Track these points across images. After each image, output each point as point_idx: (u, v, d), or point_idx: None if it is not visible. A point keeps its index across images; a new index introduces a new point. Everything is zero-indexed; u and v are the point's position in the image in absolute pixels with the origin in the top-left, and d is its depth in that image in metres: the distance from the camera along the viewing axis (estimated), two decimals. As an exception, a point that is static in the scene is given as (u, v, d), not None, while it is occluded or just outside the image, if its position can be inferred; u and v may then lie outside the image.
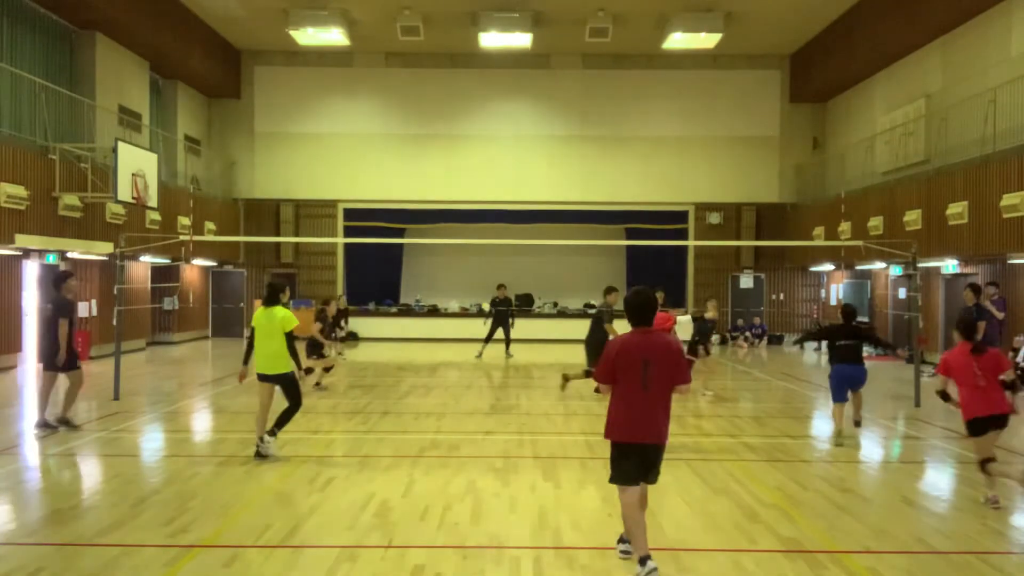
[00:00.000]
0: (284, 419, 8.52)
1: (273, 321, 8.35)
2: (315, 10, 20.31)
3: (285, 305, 8.63)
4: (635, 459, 5.29)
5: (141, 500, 6.93)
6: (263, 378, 8.45)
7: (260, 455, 8.34)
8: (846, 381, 9.72)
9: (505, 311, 18.64)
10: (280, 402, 8.52)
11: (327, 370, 13.78)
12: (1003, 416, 6.88)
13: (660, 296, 15.41)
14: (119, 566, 5.40)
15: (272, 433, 8.45)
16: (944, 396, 7.18)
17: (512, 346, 18.87)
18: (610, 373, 5.30)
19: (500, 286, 19.00)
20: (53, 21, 17.29)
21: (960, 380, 6.98)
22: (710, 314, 13.34)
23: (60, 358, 9.70)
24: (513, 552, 5.74)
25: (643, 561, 5.07)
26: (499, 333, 18.59)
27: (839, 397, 9.70)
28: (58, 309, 9.73)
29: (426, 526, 6.29)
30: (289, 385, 8.48)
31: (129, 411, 11.27)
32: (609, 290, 13.02)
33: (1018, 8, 15.46)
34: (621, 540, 5.64)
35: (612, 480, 5.37)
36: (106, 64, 18.52)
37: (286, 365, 8.39)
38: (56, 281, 9.94)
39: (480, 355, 18.59)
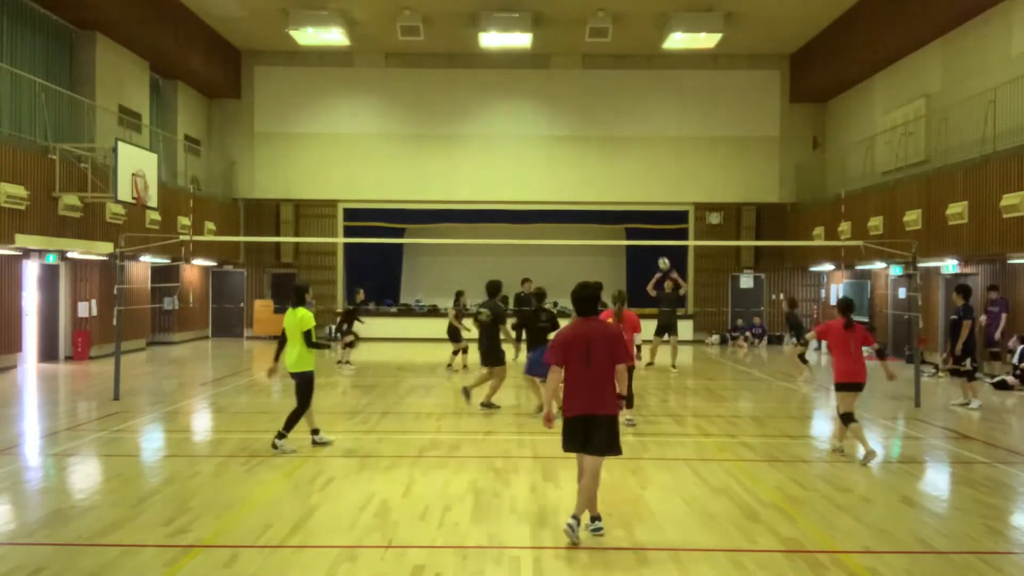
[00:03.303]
0: (292, 421, 8.83)
1: (294, 321, 8.76)
2: (315, 10, 20.31)
3: (307, 305, 9.03)
4: (581, 429, 5.92)
5: (141, 500, 6.93)
6: (292, 375, 8.92)
7: (274, 446, 8.77)
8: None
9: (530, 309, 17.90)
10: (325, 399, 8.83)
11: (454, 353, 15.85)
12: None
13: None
14: (119, 566, 5.40)
15: (280, 435, 8.79)
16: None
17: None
18: (561, 357, 5.97)
19: (525, 280, 17.86)
20: (53, 21, 17.30)
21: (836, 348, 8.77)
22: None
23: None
24: (513, 552, 5.74)
25: (574, 517, 5.94)
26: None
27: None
28: (496, 317, 11.70)
29: (426, 526, 6.29)
30: (303, 384, 8.81)
31: (129, 411, 11.27)
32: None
33: (1018, 8, 15.46)
34: (592, 519, 6.10)
35: (564, 447, 6.10)
36: (106, 64, 18.53)
37: (307, 364, 8.78)
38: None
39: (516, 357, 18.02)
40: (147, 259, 20.20)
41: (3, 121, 15.37)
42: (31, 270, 16.70)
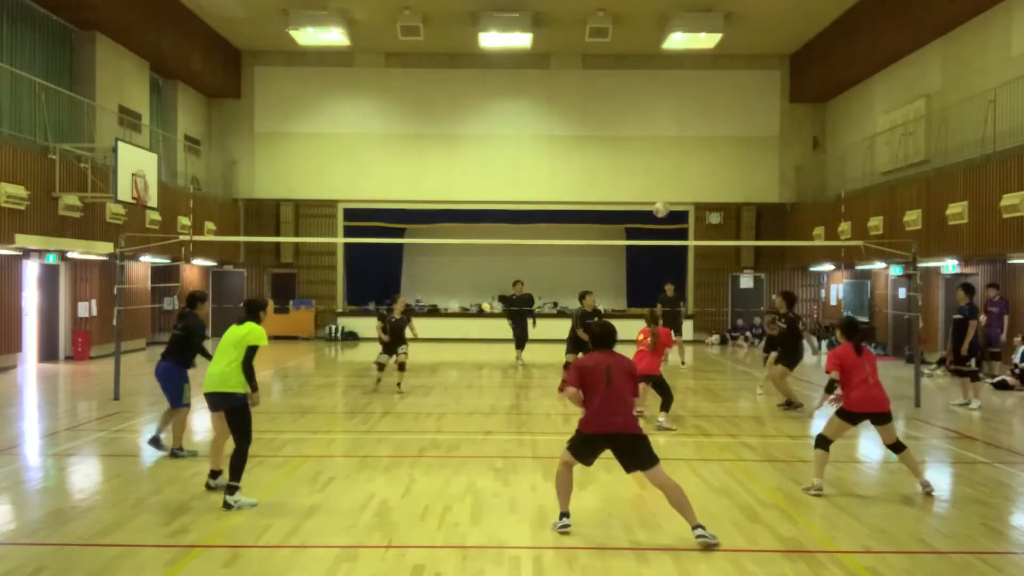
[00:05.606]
0: (237, 465, 6.77)
1: (238, 334, 7.02)
2: (315, 10, 20.32)
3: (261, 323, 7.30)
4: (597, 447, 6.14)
5: (141, 500, 6.92)
6: (211, 399, 7.02)
7: (227, 505, 6.64)
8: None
9: (518, 311, 17.77)
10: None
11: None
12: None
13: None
14: (119, 566, 5.40)
15: (231, 489, 6.68)
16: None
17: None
18: (578, 380, 6.15)
19: (516, 282, 18.06)
20: (53, 21, 17.30)
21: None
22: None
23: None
24: (513, 552, 5.74)
25: (561, 516, 6.15)
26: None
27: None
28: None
29: (426, 526, 6.29)
30: (234, 413, 6.91)
31: (129, 411, 11.27)
32: (584, 294, 13.74)
33: (1018, 8, 15.46)
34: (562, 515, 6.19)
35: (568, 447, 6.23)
36: (106, 64, 18.52)
37: (236, 385, 6.85)
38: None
39: (519, 359, 17.72)
40: (147, 259, 20.20)
41: (3, 121, 15.37)
42: (31, 270, 16.69)
